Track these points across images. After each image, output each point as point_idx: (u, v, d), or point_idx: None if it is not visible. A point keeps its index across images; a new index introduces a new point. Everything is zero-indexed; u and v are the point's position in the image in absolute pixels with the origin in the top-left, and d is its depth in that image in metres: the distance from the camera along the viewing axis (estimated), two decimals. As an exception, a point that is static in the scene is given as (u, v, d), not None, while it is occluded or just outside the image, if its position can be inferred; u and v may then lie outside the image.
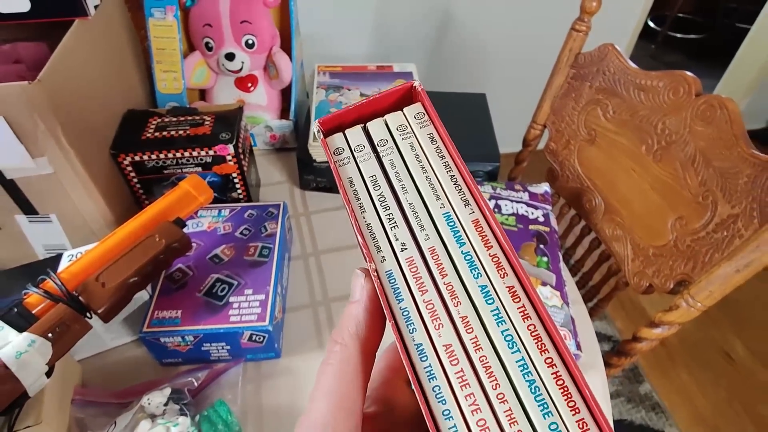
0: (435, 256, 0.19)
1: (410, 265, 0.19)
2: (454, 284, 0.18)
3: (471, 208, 0.19)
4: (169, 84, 0.71)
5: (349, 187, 0.20)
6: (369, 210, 0.20)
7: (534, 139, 0.81)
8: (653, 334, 0.56)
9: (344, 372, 0.18)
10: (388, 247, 0.19)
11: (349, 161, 0.21)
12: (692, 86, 0.54)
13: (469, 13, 1.40)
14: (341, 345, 0.18)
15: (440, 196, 0.20)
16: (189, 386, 0.46)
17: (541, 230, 0.60)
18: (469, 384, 0.17)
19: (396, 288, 0.18)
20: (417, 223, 0.19)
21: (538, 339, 0.17)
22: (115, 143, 0.56)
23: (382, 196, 0.20)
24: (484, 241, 0.19)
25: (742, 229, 0.47)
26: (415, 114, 0.21)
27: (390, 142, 0.21)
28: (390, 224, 0.19)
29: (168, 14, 0.68)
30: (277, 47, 0.74)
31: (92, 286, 0.43)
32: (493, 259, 0.18)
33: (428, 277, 0.18)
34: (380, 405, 0.21)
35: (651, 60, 2.70)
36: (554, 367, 0.16)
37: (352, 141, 0.21)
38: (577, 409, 0.16)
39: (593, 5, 0.63)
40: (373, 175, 0.20)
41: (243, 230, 0.56)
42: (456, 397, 0.16)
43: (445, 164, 0.20)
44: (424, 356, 0.17)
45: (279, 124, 0.75)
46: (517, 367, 0.16)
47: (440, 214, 0.19)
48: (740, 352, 1.35)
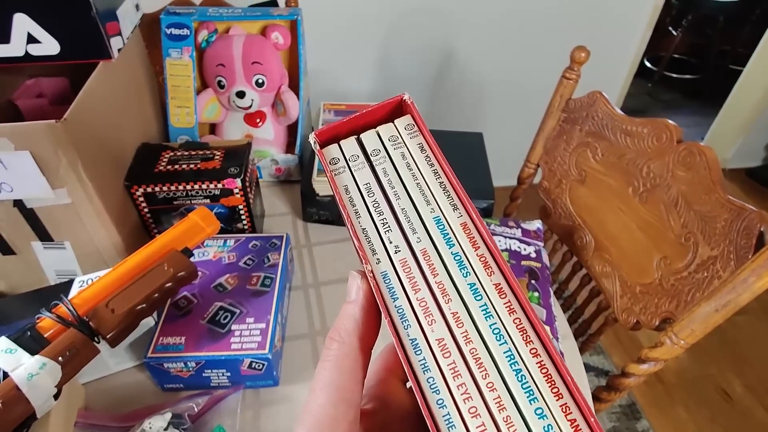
0: (426, 257, 0.20)
1: (404, 266, 0.20)
2: (445, 283, 0.19)
3: (459, 212, 0.21)
4: (182, 118, 0.75)
5: (345, 194, 0.22)
6: (364, 215, 0.21)
7: (528, 177, 0.84)
8: (641, 369, 0.57)
9: (343, 366, 0.19)
10: (383, 250, 0.20)
11: (344, 170, 0.22)
12: (674, 133, 0.57)
13: (469, 55, 1.47)
14: (338, 342, 0.19)
15: (430, 201, 0.21)
16: (189, 411, 0.47)
17: (533, 266, 0.62)
18: (460, 374, 0.18)
19: (391, 287, 0.20)
20: (409, 226, 0.21)
21: (523, 331, 0.18)
22: (130, 175, 0.60)
23: (376, 203, 0.21)
24: (471, 242, 0.20)
25: (721, 270, 0.49)
26: (406, 125, 0.23)
27: (382, 152, 0.22)
28: (384, 228, 0.21)
29: (184, 54, 0.73)
30: (285, 86, 0.78)
31: (102, 311, 0.45)
32: (480, 258, 0.20)
33: (421, 277, 0.20)
34: (377, 402, 0.22)
35: (648, 98, 2.77)
36: (538, 356, 0.18)
37: (347, 151, 0.22)
38: (560, 394, 0.17)
39: (582, 56, 0.68)
40: (367, 183, 0.22)
41: (247, 260, 0.58)
42: (449, 387, 0.18)
43: (435, 171, 0.22)
44: (419, 350, 0.18)
45: (285, 158, 0.78)
46: (505, 358, 0.18)
47: (431, 218, 0.21)
48: (738, 390, 1.35)
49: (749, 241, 0.47)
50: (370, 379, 0.22)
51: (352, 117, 0.22)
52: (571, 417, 0.17)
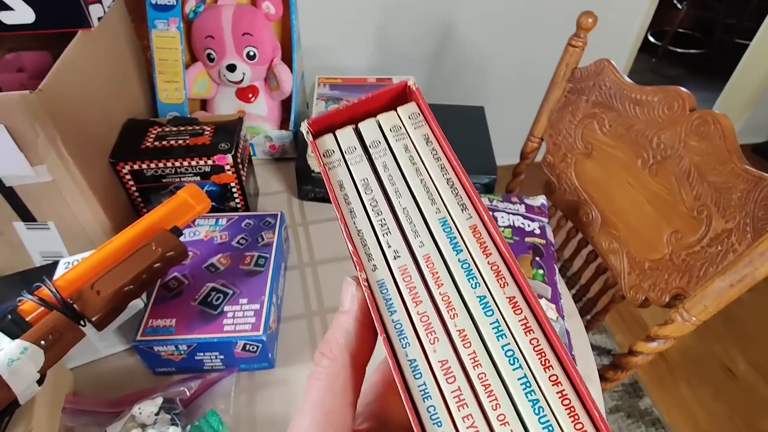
0: (430, 265, 0.17)
1: (403, 275, 0.17)
2: (451, 295, 0.17)
3: (468, 212, 0.18)
4: (170, 94, 0.72)
5: (339, 191, 0.19)
6: (360, 215, 0.19)
7: (531, 152, 0.81)
8: (649, 348, 0.55)
9: (332, 387, 0.17)
10: (380, 255, 0.18)
11: (339, 164, 0.20)
12: (686, 102, 0.54)
13: (470, 26, 1.42)
14: (329, 359, 0.17)
15: (436, 201, 0.19)
16: (181, 396, 0.45)
17: (537, 243, 0.60)
18: (467, 404, 0.15)
19: (388, 299, 0.17)
20: (411, 229, 0.18)
21: (541, 354, 0.15)
22: (115, 152, 0.57)
23: (374, 201, 0.19)
24: (482, 248, 0.17)
25: (736, 243, 0.47)
26: (410, 114, 0.20)
27: (383, 144, 0.20)
28: (382, 230, 0.18)
29: (171, 26, 0.69)
30: (278, 59, 0.75)
31: (87, 293, 0.43)
32: (492, 267, 0.17)
33: (423, 287, 0.17)
34: (374, 421, 0.19)
35: (652, 73, 2.72)
36: (559, 385, 0.15)
37: (343, 142, 0.20)
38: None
39: (589, 21, 0.64)
40: (364, 178, 0.19)
41: (240, 239, 0.56)
42: (453, 419, 0.15)
43: (441, 166, 0.19)
44: (419, 373, 0.16)
45: (279, 134, 0.75)
46: (519, 385, 0.15)
47: (436, 220, 0.18)
48: (742, 366, 1.34)
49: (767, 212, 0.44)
50: (367, 395, 0.20)
51: (350, 105, 0.20)
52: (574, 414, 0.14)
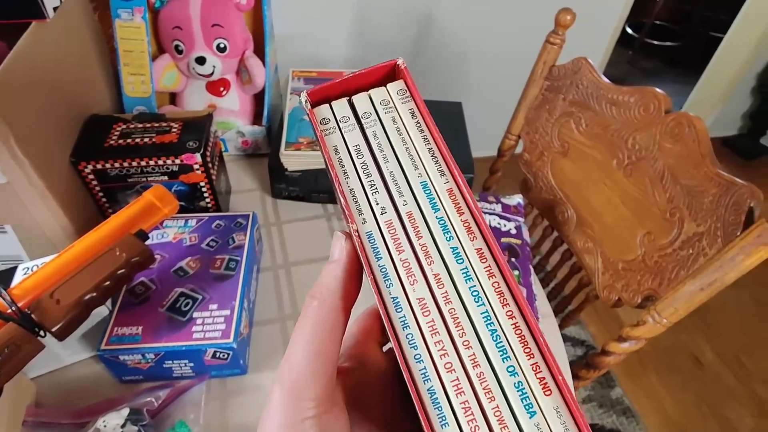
0: (412, 220, 0.20)
1: (389, 227, 0.20)
2: (428, 245, 0.20)
3: (446, 178, 0.21)
4: (136, 87, 0.69)
5: (334, 154, 0.22)
6: (352, 176, 0.21)
7: (508, 150, 0.81)
8: (621, 348, 0.56)
9: (322, 323, 0.19)
10: (369, 211, 0.21)
11: (334, 131, 0.22)
12: (662, 103, 0.55)
13: (450, 20, 1.41)
14: (319, 300, 0.20)
15: (418, 166, 0.21)
16: (149, 406, 0.44)
17: (513, 243, 0.60)
18: (438, 332, 0.19)
19: (375, 247, 0.20)
20: (396, 189, 0.21)
21: (500, 294, 0.19)
22: (76, 151, 0.54)
23: (365, 164, 0.21)
24: (456, 207, 0.20)
25: (707, 247, 0.47)
26: (398, 90, 0.23)
27: (373, 115, 0.22)
28: (371, 190, 0.21)
29: (135, 15, 0.66)
30: (250, 51, 0.72)
31: (46, 303, 0.41)
32: (464, 224, 0.20)
33: (405, 238, 0.20)
34: (353, 361, 0.23)
35: (628, 66, 2.75)
36: (514, 318, 0.18)
37: (338, 112, 0.22)
38: (532, 354, 0.18)
39: (567, 19, 0.64)
40: (356, 144, 0.22)
41: (210, 242, 0.54)
42: (427, 344, 0.18)
43: (424, 137, 0.22)
44: (399, 308, 0.19)
45: (251, 129, 0.73)
46: (482, 319, 0.19)
47: (418, 183, 0.21)
48: (709, 356, 1.38)
49: (738, 217, 0.45)
50: (348, 340, 0.23)
51: (344, 78, 0.22)
52: (541, 375, 0.18)
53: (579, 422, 0.17)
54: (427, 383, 0.18)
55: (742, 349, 1.41)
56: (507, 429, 0.17)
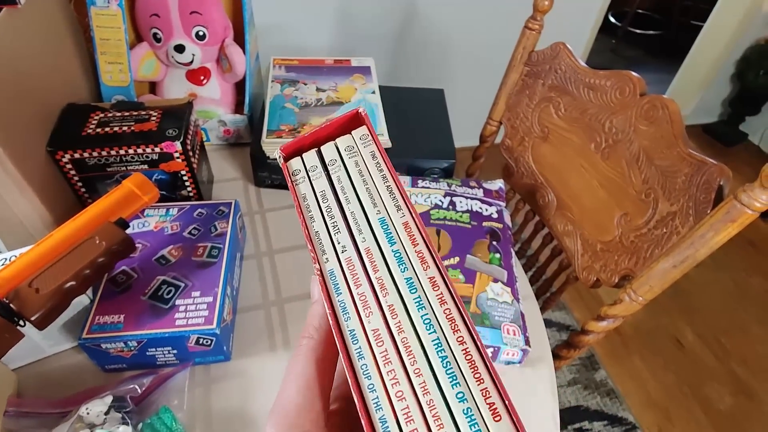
0: (369, 255, 0.22)
1: (348, 264, 0.22)
2: (384, 278, 0.21)
3: (402, 212, 0.23)
4: (114, 76, 0.68)
5: (303, 202, 0.24)
6: (318, 220, 0.23)
7: (490, 136, 0.81)
8: (600, 327, 0.57)
9: (312, 358, 0.20)
10: (332, 250, 0.22)
11: (303, 180, 0.24)
12: (637, 86, 0.55)
13: (432, 6, 1.40)
14: (307, 338, 0.21)
15: (377, 204, 0.23)
16: (132, 393, 0.44)
17: (494, 227, 0.61)
18: (391, 361, 0.19)
19: (336, 284, 0.21)
20: (356, 227, 0.23)
21: (452, 321, 0.20)
22: (53, 140, 0.54)
23: (329, 207, 0.23)
24: (411, 239, 0.22)
25: (680, 226, 0.49)
26: (361, 135, 0.25)
27: (338, 161, 0.24)
28: (334, 230, 0.23)
29: (112, 3, 0.65)
30: (230, 39, 0.72)
31: (25, 292, 0.41)
32: (418, 254, 0.21)
33: (363, 273, 0.21)
34: (343, 402, 0.23)
35: (612, 54, 2.78)
36: (464, 344, 0.19)
37: (308, 162, 0.25)
38: (481, 379, 0.18)
39: (545, 4, 0.64)
40: (322, 190, 0.24)
41: (192, 230, 0.54)
42: (380, 372, 0.19)
43: (383, 176, 0.24)
44: (355, 339, 0.20)
45: (233, 118, 0.73)
46: (433, 346, 0.19)
47: (376, 219, 0.23)
48: (689, 338, 1.42)
49: (708, 195, 0.46)
50: (337, 380, 0.24)
51: (314, 131, 0.25)
52: (491, 400, 0.18)
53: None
54: (378, 412, 0.18)
55: (721, 330, 1.44)
56: None
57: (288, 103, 0.69)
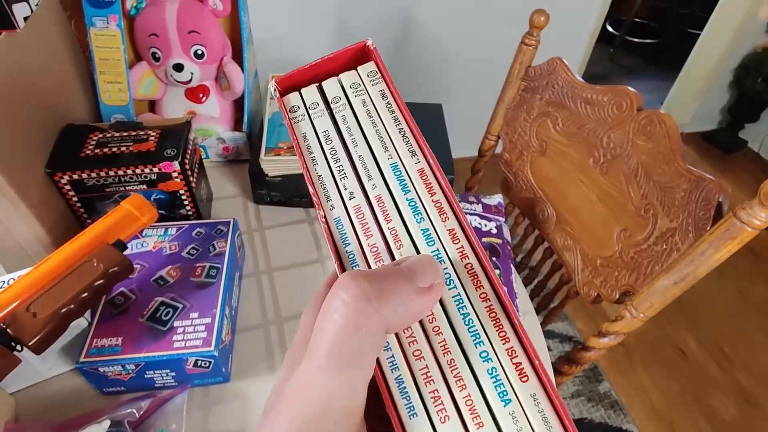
0: (381, 203, 0.20)
1: (357, 213, 0.20)
2: (398, 228, 0.19)
3: (417, 158, 0.20)
4: (114, 95, 0.68)
5: (303, 141, 0.21)
6: (321, 162, 0.21)
7: (489, 150, 0.82)
8: (601, 343, 0.57)
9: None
10: (338, 196, 0.20)
11: (303, 118, 0.22)
12: (634, 101, 0.56)
13: (429, 23, 1.41)
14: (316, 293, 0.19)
15: (388, 148, 0.21)
16: (130, 417, 0.44)
17: (493, 242, 0.61)
18: (410, 326, 0.18)
19: (343, 233, 0.19)
20: (365, 173, 0.20)
21: (474, 276, 0.18)
22: (51, 161, 0.54)
23: (333, 150, 0.21)
24: (428, 188, 0.20)
25: (679, 242, 0.48)
26: (368, 72, 0.22)
27: (343, 99, 0.22)
28: (340, 175, 0.21)
29: (111, 23, 0.65)
30: (228, 57, 0.72)
31: (22, 316, 0.41)
32: (435, 204, 0.19)
33: (374, 223, 0.19)
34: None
35: (610, 63, 2.79)
36: (488, 301, 0.18)
37: (307, 99, 0.22)
38: (507, 338, 0.17)
39: (541, 20, 0.65)
40: (325, 130, 0.22)
41: (190, 250, 0.54)
42: (398, 336, 0.18)
43: (395, 118, 0.21)
44: None
45: (232, 136, 0.73)
46: (453, 302, 0.18)
47: (388, 165, 0.20)
48: (693, 347, 1.41)
49: (707, 212, 0.46)
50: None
51: (313, 64, 0.22)
52: (517, 360, 0.17)
53: (558, 409, 0.16)
54: (394, 372, 0.17)
55: (724, 339, 1.43)
56: (479, 418, 0.16)
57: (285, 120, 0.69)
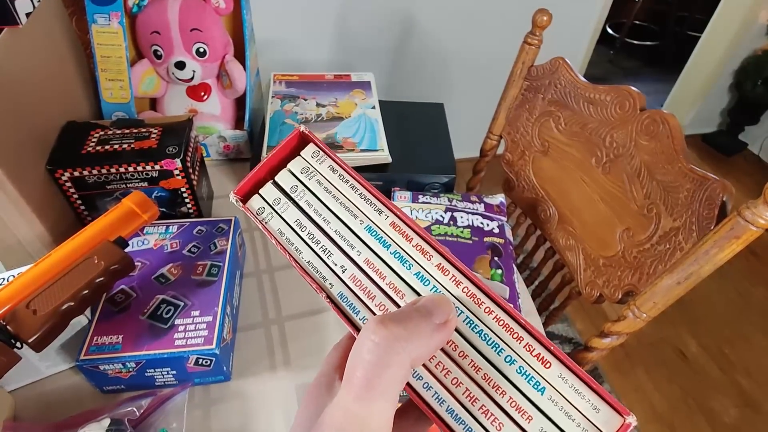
0: (371, 266, 0.21)
1: (354, 282, 0.21)
2: (394, 281, 0.21)
3: (385, 214, 0.22)
4: (115, 93, 0.68)
5: (281, 237, 0.23)
6: (305, 250, 0.22)
7: (491, 150, 0.81)
8: (603, 344, 0.57)
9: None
10: (332, 274, 0.22)
11: (272, 216, 0.23)
12: (637, 101, 0.55)
13: (431, 22, 1.41)
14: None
15: (357, 215, 0.22)
16: (130, 416, 0.43)
17: (495, 242, 0.60)
18: (435, 356, 0.20)
19: (351, 305, 0.21)
20: (346, 244, 0.22)
21: (473, 297, 0.20)
22: (52, 158, 0.54)
23: (311, 234, 0.22)
24: (404, 236, 0.22)
25: (683, 242, 0.48)
26: (312, 153, 0.24)
27: (300, 186, 0.23)
28: (325, 254, 0.22)
29: (113, 21, 0.65)
30: (230, 56, 0.72)
31: (22, 313, 0.40)
32: (416, 248, 0.21)
33: (372, 284, 0.21)
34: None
35: (610, 65, 2.79)
36: (492, 313, 0.20)
37: (269, 197, 0.23)
38: (521, 337, 0.19)
39: (544, 19, 0.64)
40: (296, 219, 0.23)
41: (191, 248, 0.54)
42: (429, 370, 0.19)
43: (351, 186, 0.23)
44: None
45: (233, 134, 0.73)
46: (466, 326, 0.20)
47: (362, 229, 0.22)
48: (693, 349, 1.41)
49: (711, 211, 0.46)
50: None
51: (262, 164, 0.24)
52: (536, 352, 0.19)
53: (583, 377, 0.18)
54: (443, 405, 0.19)
55: (725, 341, 1.43)
56: (526, 414, 0.18)
57: (288, 118, 0.69)
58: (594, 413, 0.17)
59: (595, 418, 0.17)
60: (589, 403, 0.18)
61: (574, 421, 0.18)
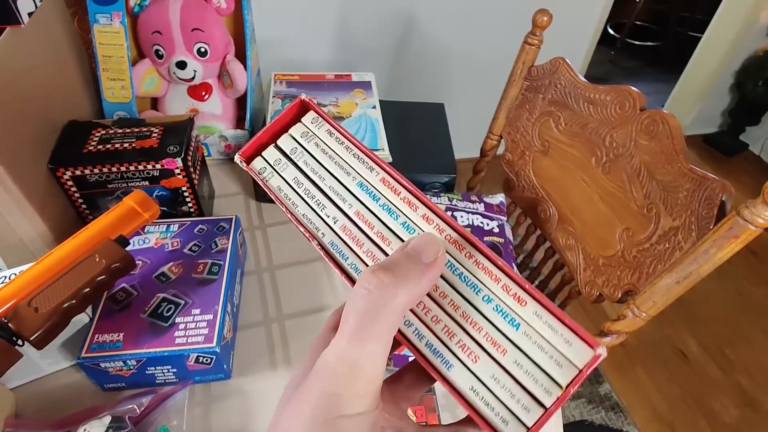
0: (360, 217, 0.23)
1: (344, 231, 0.23)
2: (382, 230, 0.23)
3: (376, 171, 0.24)
4: (116, 92, 0.68)
5: (279, 193, 0.25)
6: (300, 204, 0.24)
7: (491, 150, 0.82)
8: (603, 343, 0.57)
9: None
10: (324, 225, 0.24)
11: (272, 175, 0.25)
12: (637, 101, 0.56)
13: (432, 22, 1.42)
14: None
15: (350, 172, 0.24)
16: (131, 413, 0.44)
17: (495, 242, 0.60)
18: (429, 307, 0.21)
19: (340, 252, 0.23)
20: (339, 198, 0.24)
21: (455, 243, 0.22)
22: (54, 157, 0.54)
23: (307, 190, 0.24)
24: (393, 191, 0.23)
25: (682, 241, 0.48)
26: (311, 119, 0.26)
27: (299, 148, 0.25)
28: (319, 208, 0.24)
29: (114, 20, 0.65)
30: (231, 55, 0.72)
31: (24, 311, 0.40)
32: (404, 200, 0.23)
33: (361, 233, 0.23)
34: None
35: (611, 65, 2.79)
36: (472, 257, 0.21)
37: (270, 158, 0.25)
38: (498, 278, 0.20)
39: (544, 20, 0.65)
40: (294, 177, 0.25)
41: (192, 246, 0.54)
42: (415, 312, 0.21)
43: (346, 147, 0.25)
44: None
45: (234, 133, 0.73)
46: (446, 268, 0.21)
47: (354, 185, 0.24)
48: (693, 349, 1.41)
49: (710, 211, 0.46)
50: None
51: (265, 129, 0.26)
52: (513, 292, 0.20)
53: (557, 315, 0.19)
54: (422, 340, 0.20)
55: (725, 341, 1.43)
56: (501, 347, 0.19)
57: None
58: (566, 346, 0.19)
59: (567, 351, 0.19)
60: (561, 337, 0.19)
61: (547, 353, 0.19)
